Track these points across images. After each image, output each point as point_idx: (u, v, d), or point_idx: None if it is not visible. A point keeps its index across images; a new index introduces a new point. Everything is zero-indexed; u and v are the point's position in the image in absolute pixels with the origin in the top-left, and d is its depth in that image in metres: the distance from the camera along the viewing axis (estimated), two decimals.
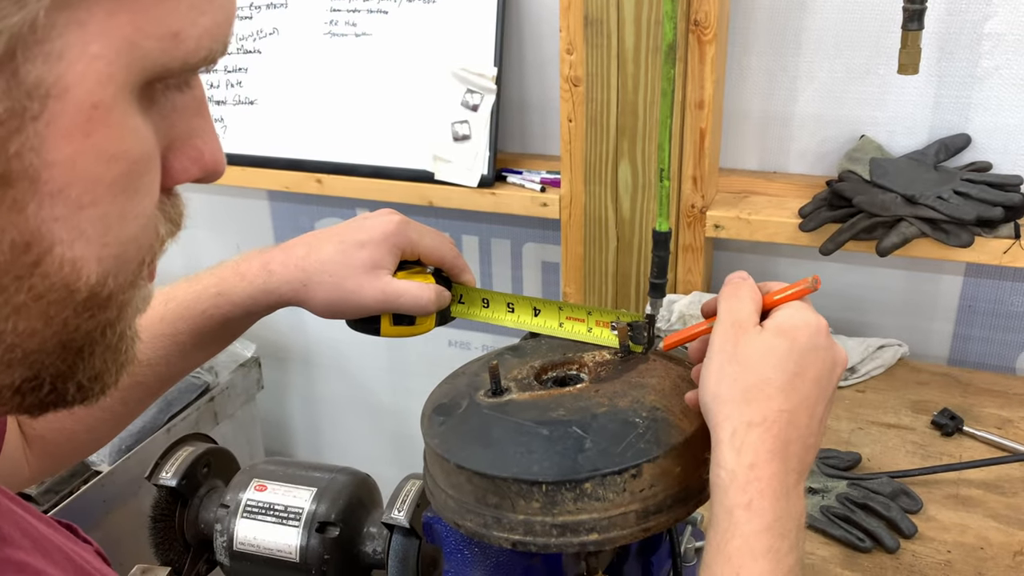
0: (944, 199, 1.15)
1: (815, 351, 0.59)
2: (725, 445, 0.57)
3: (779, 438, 0.56)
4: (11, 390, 0.40)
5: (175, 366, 0.80)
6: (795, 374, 0.58)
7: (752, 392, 0.57)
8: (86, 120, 0.35)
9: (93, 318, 0.40)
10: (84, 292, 0.38)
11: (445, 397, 0.72)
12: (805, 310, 0.61)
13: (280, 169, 1.57)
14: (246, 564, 0.92)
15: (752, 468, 0.55)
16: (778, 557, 0.54)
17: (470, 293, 0.82)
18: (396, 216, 0.79)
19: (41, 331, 0.38)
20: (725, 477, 0.56)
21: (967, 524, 0.98)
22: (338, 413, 1.98)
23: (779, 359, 0.58)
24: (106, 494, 1.36)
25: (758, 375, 0.58)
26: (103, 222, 0.38)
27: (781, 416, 0.57)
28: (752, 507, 0.55)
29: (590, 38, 1.27)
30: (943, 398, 1.20)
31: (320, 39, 1.51)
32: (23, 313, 0.37)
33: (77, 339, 0.40)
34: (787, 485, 0.56)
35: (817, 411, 0.59)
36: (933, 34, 1.19)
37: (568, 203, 1.39)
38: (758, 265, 1.42)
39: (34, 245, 0.36)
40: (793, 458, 0.57)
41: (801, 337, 0.59)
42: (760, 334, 0.59)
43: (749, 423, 0.57)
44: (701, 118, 1.26)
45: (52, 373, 0.40)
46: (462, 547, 0.69)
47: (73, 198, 0.36)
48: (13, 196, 0.34)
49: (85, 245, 0.37)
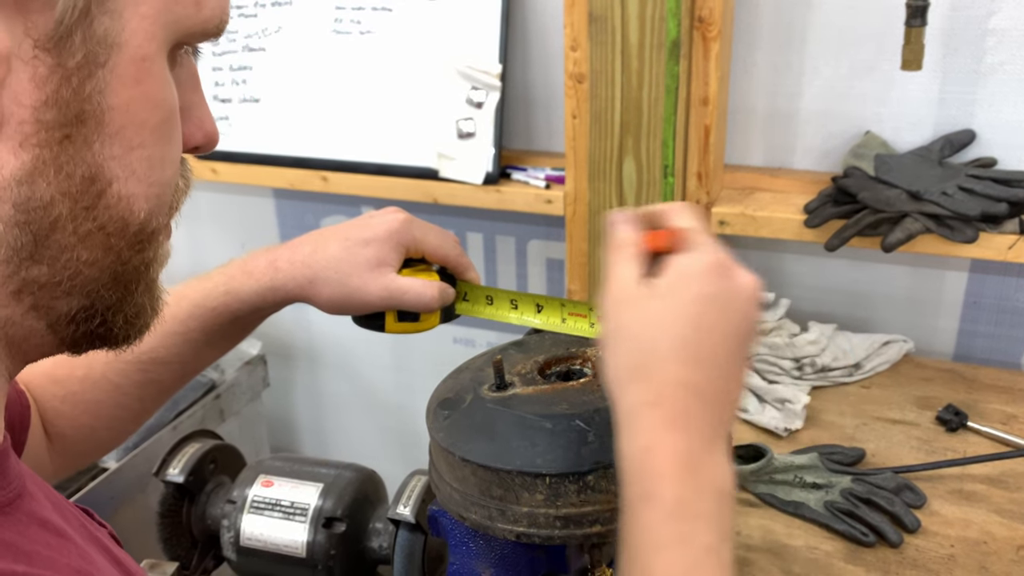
0: (949, 195, 1.15)
1: (706, 299, 0.53)
2: (622, 428, 0.53)
3: (677, 411, 0.51)
4: (67, 319, 0.45)
5: (188, 363, 0.82)
6: (685, 332, 0.52)
7: (641, 369, 0.52)
8: (137, 70, 0.42)
9: (141, 253, 0.46)
10: (135, 226, 0.45)
11: (450, 391, 0.72)
12: (692, 256, 0.55)
13: (285, 167, 1.58)
14: (253, 559, 0.93)
15: (647, 452, 0.51)
16: (687, 540, 0.49)
17: (474, 290, 0.82)
18: (401, 214, 0.80)
19: (100, 260, 0.44)
20: (624, 466, 0.52)
21: (971, 519, 0.98)
22: (343, 410, 1.98)
23: (664, 321, 0.53)
24: (114, 491, 1.37)
25: (646, 347, 0.53)
26: (149, 163, 0.44)
27: (676, 385, 0.51)
28: (650, 497, 0.50)
29: (594, 35, 1.27)
30: (948, 394, 1.20)
31: (325, 37, 1.51)
32: (88, 242, 0.43)
33: (127, 272, 0.46)
34: (693, 458, 0.50)
35: (723, 360, 0.53)
36: (938, 30, 1.19)
37: (573, 200, 1.39)
38: (763, 261, 1.43)
39: (98, 179, 0.42)
40: (701, 427, 0.51)
41: (687, 291, 0.53)
42: (642, 299, 0.54)
43: (642, 403, 0.52)
44: (705, 114, 1.26)
45: (104, 305, 0.46)
46: (467, 540, 0.70)
47: (127, 139, 0.43)
48: (85, 134, 0.41)
49: (136, 183, 0.44)
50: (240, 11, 1.57)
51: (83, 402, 0.79)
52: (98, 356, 0.77)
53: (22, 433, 0.71)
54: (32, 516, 0.45)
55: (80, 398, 0.78)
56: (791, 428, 1.14)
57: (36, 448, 0.76)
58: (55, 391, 0.78)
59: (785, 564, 0.94)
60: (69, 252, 0.43)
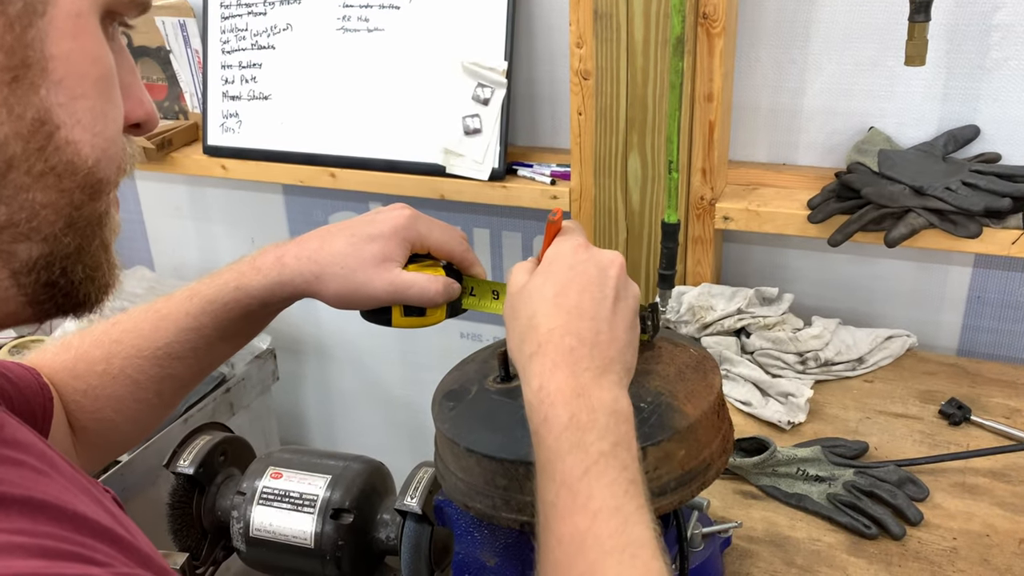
0: (952, 190, 1.16)
1: (572, 268, 0.64)
2: (523, 384, 0.61)
3: (557, 351, 0.60)
4: (28, 266, 0.49)
5: (204, 358, 0.84)
6: (556, 295, 0.62)
7: (526, 332, 0.62)
8: (73, 25, 0.47)
9: (93, 201, 0.50)
10: (83, 170, 0.48)
11: (455, 383, 0.73)
12: (560, 242, 0.67)
13: (294, 163, 1.59)
14: (262, 550, 0.94)
15: (540, 389, 0.59)
16: (583, 447, 0.56)
17: (480, 285, 0.83)
18: (407, 210, 0.81)
19: (55, 203, 0.48)
20: (527, 408, 0.60)
21: (973, 512, 0.99)
22: (351, 404, 2.00)
23: (539, 293, 0.63)
24: (125, 483, 1.39)
25: (526, 316, 0.63)
26: (92, 114, 0.48)
27: (552, 334, 0.61)
28: (547, 419, 0.58)
29: (599, 32, 1.28)
30: (951, 388, 1.21)
31: (333, 35, 1.53)
32: (41, 183, 0.47)
33: (81, 219, 0.50)
34: (580, 384, 0.59)
35: (598, 312, 0.62)
36: (942, 25, 1.19)
37: (578, 196, 1.40)
38: (767, 257, 1.43)
39: (46, 123, 0.46)
40: (582, 359, 0.60)
41: (555, 265, 0.64)
42: (524, 287, 0.65)
43: (529, 356, 0.61)
44: (710, 110, 1.27)
45: (63, 252, 0.49)
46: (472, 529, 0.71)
47: (70, 88, 0.47)
48: (31, 79, 0.45)
49: (82, 131, 0.48)
50: (249, 9, 1.58)
51: (103, 396, 0.81)
52: (116, 351, 0.80)
53: (45, 423, 0.74)
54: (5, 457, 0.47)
55: (100, 392, 0.81)
56: (794, 421, 1.15)
57: (62, 441, 0.78)
58: (76, 386, 0.80)
59: (788, 556, 0.95)
60: (25, 192, 0.46)
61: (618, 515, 0.54)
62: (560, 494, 0.55)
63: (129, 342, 0.81)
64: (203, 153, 1.68)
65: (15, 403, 0.69)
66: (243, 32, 1.60)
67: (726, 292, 1.32)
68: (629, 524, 0.54)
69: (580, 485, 0.55)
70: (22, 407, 0.70)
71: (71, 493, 0.48)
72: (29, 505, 0.44)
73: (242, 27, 1.60)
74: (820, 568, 0.93)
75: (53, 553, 0.42)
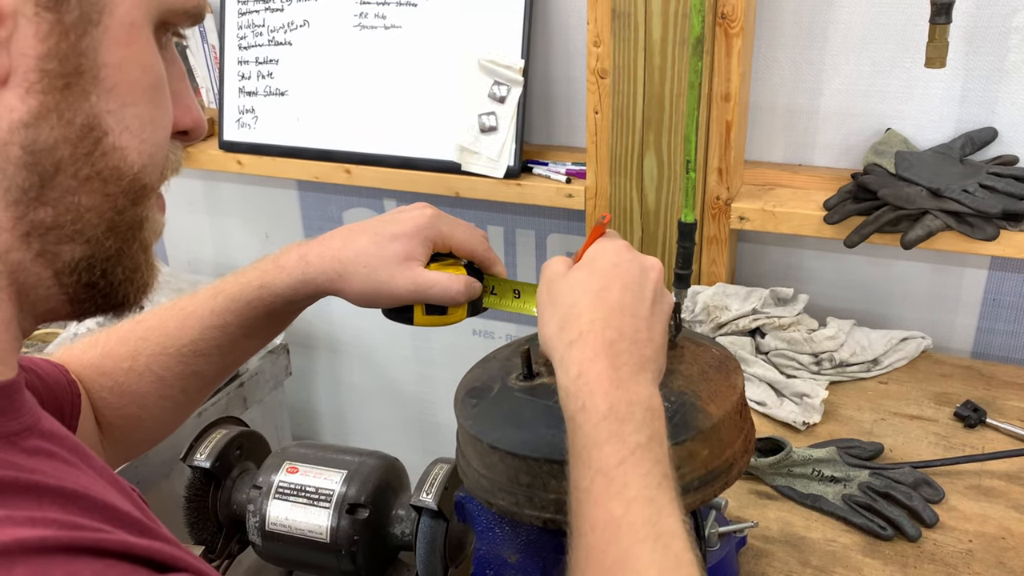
0: (969, 192, 1.15)
1: (616, 267, 0.65)
2: (558, 371, 0.62)
3: (598, 341, 0.61)
4: (71, 267, 0.50)
5: (228, 355, 0.85)
6: (600, 289, 0.63)
7: (566, 320, 0.63)
8: (127, 34, 0.48)
9: (135, 206, 0.51)
10: (129, 176, 0.49)
11: (477, 380, 0.73)
12: (604, 242, 0.68)
13: (310, 159, 1.60)
14: (278, 544, 0.94)
15: (579, 377, 0.60)
16: (621, 438, 0.57)
17: (502, 284, 0.83)
18: (429, 210, 0.82)
19: (99, 206, 0.49)
20: (562, 394, 0.61)
21: (989, 514, 0.99)
22: (363, 400, 2.00)
23: (582, 285, 0.64)
24: (139, 475, 1.40)
25: (567, 304, 0.64)
26: (140, 121, 0.49)
27: (594, 324, 0.61)
28: (586, 407, 0.58)
29: (617, 31, 1.28)
30: (966, 390, 1.21)
31: (350, 31, 1.53)
32: (87, 187, 0.48)
33: (123, 223, 0.50)
34: (619, 377, 0.59)
35: (638, 311, 0.63)
36: (961, 28, 1.19)
37: (593, 194, 1.40)
38: (782, 257, 1.43)
39: (95, 128, 0.47)
40: (621, 354, 0.60)
41: (600, 261, 0.65)
42: (566, 276, 0.66)
43: (569, 343, 0.62)
44: (727, 110, 1.27)
45: (104, 255, 0.50)
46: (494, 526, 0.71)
47: (120, 96, 0.48)
48: (83, 86, 0.46)
49: (129, 137, 0.49)
50: (267, 5, 1.59)
51: (129, 393, 0.82)
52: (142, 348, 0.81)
53: (72, 419, 0.74)
54: (41, 449, 0.48)
55: (126, 389, 0.81)
56: (809, 422, 1.15)
57: (89, 437, 0.79)
58: (103, 382, 0.81)
59: (803, 556, 0.95)
60: (71, 196, 0.48)
61: (652, 505, 0.55)
62: (595, 480, 0.56)
63: (155, 339, 0.82)
64: (219, 148, 1.69)
65: (44, 399, 0.70)
66: (260, 28, 1.60)
67: (741, 292, 1.32)
68: (663, 515, 0.55)
69: (616, 473, 0.56)
70: (51, 403, 0.71)
71: (100, 484, 0.49)
72: (62, 495, 0.45)
73: (259, 23, 1.60)
74: (835, 569, 0.93)
75: (85, 541, 0.42)
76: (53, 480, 0.45)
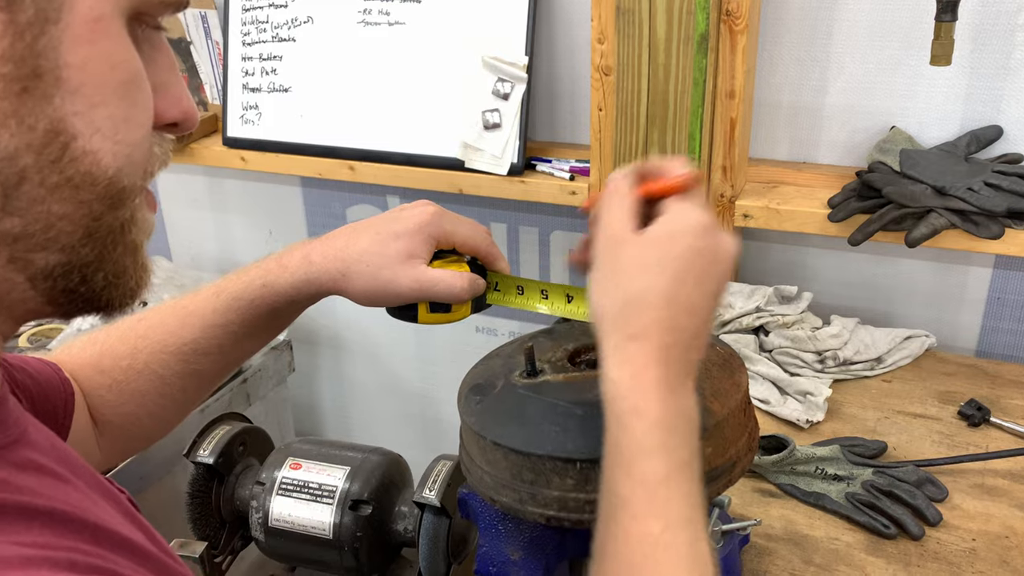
0: (974, 191, 1.15)
1: (695, 253, 0.59)
2: (610, 359, 0.58)
3: (659, 345, 0.57)
4: (45, 274, 0.47)
5: (230, 354, 0.84)
6: (673, 280, 0.58)
7: (630, 305, 0.58)
8: (91, 30, 0.44)
9: (114, 210, 0.48)
10: (104, 181, 0.46)
11: (481, 377, 0.73)
12: (685, 210, 0.60)
13: (313, 156, 1.60)
14: (281, 540, 0.94)
15: (634, 377, 0.57)
16: (668, 450, 0.55)
17: (505, 281, 0.83)
18: (431, 207, 0.81)
19: (72, 214, 0.46)
20: (611, 388, 0.58)
21: (992, 513, 0.99)
22: (366, 396, 2.00)
23: (655, 268, 0.58)
24: (143, 471, 1.40)
25: (635, 287, 0.58)
26: (112, 121, 0.46)
27: (660, 325, 0.57)
28: (638, 410, 0.56)
29: (622, 28, 1.28)
30: (970, 389, 1.21)
31: (354, 28, 1.53)
32: (57, 195, 0.45)
33: (101, 229, 0.47)
34: (671, 385, 0.57)
35: (701, 310, 0.59)
36: (966, 25, 1.19)
37: (597, 191, 1.40)
38: (786, 255, 1.43)
39: (61, 133, 0.44)
40: (676, 361, 0.58)
41: (679, 242, 0.59)
42: (636, 245, 0.59)
43: (629, 336, 0.58)
44: (731, 108, 1.27)
45: (82, 262, 0.48)
46: (497, 522, 0.71)
47: (87, 96, 0.44)
48: (43, 89, 0.43)
49: (101, 140, 0.45)
50: (271, 1, 1.59)
51: (128, 391, 0.81)
52: (142, 346, 0.80)
53: (66, 419, 0.74)
54: (29, 462, 0.47)
55: (125, 387, 0.81)
56: (813, 420, 1.14)
57: (83, 435, 0.79)
58: (101, 380, 0.81)
59: (806, 554, 0.95)
60: (40, 204, 0.44)
61: (690, 527, 0.54)
62: (636, 492, 0.55)
63: (155, 338, 0.81)
64: (222, 145, 1.69)
65: (36, 400, 0.70)
66: (264, 24, 1.60)
67: (744, 290, 1.32)
68: (699, 539, 0.54)
69: (659, 489, 0.54)
70: (43, 404, 0.71)
71: (92, 500, 0.49)
72: (53, 517, 0.44)
73: (263, 19, 1.60)
74: (838, 567, 0.93)
75: (80, 567, 0.42)
76: (43, 501, 0.44)
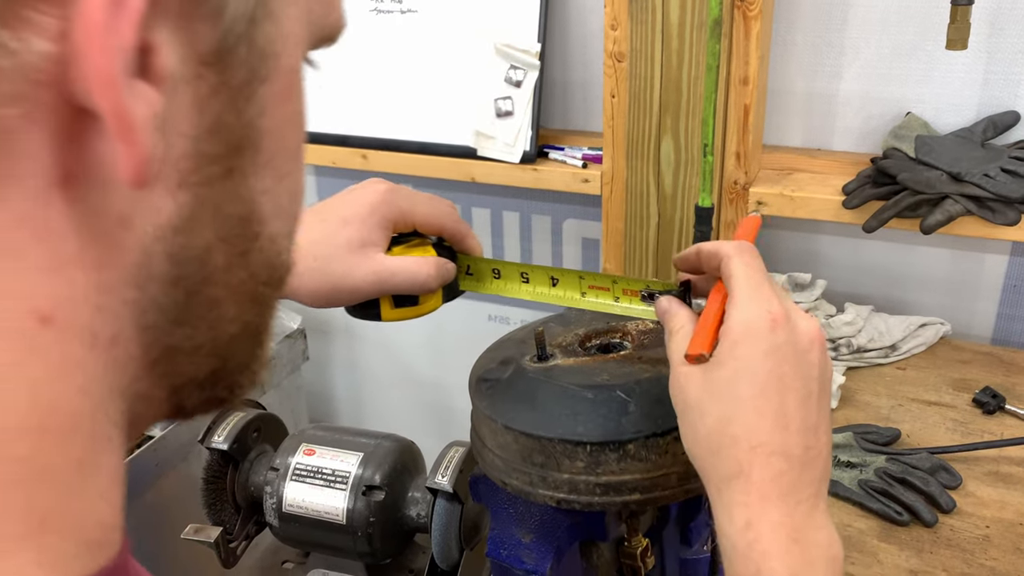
0: (991, 177, 1.14)
1: (767, 355, 0.50)
2: (716, 508, 0.50)
3: (765, 476, 0.48)
4: (194, 384, 0.36)
5: None
6: (755, 396, 0.49)
7: (717, 440, 0.50)
8: (287, 85, 0.33)
9: (276, 300, 0.38)
10: (281, 271, 0.36)
11: (492, 362, 0.73)
12: (747, 306, 0.51)
13: (326, 145, 1.60)
14: (294, 525, 0.95)
15: (748, 529, 0.48)
16: None
17: (478, 264, 0.74)
18: (382, 185, 0.71)
19: (244, 315, 0.35)
20: (727, 546, 0.49)
21: (1007, 500, 0.98)
22: (380, 384, 2.01)
23: (729, 390, 0.50)
24: (158, 458, 1.41)
25: (715, 416, 0.50)
26: (291, 196, 0.35)
27: (756, 453, 0.48)
28: (761, 573, 0.47)
29: (635, 14, 1.27)
30: (985, 376, 1.20)
31: (366, 16, 1.53)
32: (237, 294, 0.34)
33: (259, 324, 0.37)
34: (796, 528, 0.48)
35: (806, 419, 0.50)
36: (983, 9, 1.18)
37: (610, 179, 1.40)
38: (800, 242, 1.42)
39: (252, 219, 0.33)
40: (794, 489, 0.48)
41: (744, 349, 0.50)
42: (704, 369, 0.52)
43: (726, 477, 0.49)
44: (745, 94, 1.26)
45: (236, 363, 0.37)
46: (507, 505, 0.71)
47: (276, 168, 0.34)
48: (242, 167, 0.32)
49: (283, 221, 0.35)
50: None
51: None
52: None
53: None
54: None
55: None
56: None
57: None
58: None
59: None
60: (216, 308, 0.34)
61: None
62: None
63: None
64: None
65: None
66: None
67: None
68: None
69: None
70: None
71: None
72: None
73: None
74: (851, 554, 0.93)
75: None
76: None
